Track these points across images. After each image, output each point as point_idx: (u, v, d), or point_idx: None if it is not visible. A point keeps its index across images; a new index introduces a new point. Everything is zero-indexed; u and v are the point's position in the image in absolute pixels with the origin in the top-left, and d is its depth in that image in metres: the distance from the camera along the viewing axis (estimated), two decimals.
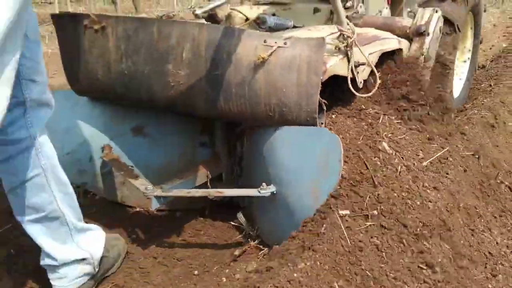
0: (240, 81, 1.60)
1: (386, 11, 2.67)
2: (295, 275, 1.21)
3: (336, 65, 1.72)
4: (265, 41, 1.57)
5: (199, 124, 2.01)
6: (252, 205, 1.91)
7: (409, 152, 1.72)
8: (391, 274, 1.30)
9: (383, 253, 1.34)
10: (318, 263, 1.24)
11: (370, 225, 1.40)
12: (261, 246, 1.72)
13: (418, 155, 1.73)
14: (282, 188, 1.64)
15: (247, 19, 2.04)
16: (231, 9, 2.06)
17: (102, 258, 1.60)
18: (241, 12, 2.05)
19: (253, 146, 1.83)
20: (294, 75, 1.56)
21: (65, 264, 1.51)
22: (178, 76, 1.66)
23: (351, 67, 1.76)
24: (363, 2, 2.36)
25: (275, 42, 1.56)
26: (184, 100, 1.70)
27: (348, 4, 2.21)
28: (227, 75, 1.60)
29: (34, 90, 1.37)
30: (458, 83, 3.07)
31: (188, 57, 1.63)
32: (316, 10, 2.26)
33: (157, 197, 1.69)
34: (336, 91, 1.83)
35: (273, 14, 2.07)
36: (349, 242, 1.31)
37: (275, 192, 1.65)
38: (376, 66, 1.88)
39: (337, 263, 1.26)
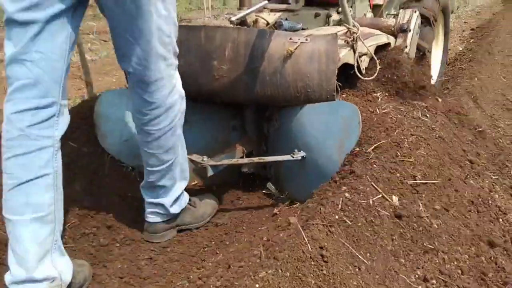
0: (273, 71, 2.02)
1: (370, 15, 3.17)
2: (256, 285, 1.22)
3: (346, 55, 2.17)
4: (290, 38, 2.02)
5: (231, 112, 2.37)
6: (279, 176, 2.28)
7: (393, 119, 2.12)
8: (353, 279, 1.32)
9: (346, 258, 1.36)
10: (280, 271, 1.26)
11: (332, 229, 1.42)
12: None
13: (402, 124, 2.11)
14: (311, 152, 2.03)
15: (268, 23, 2.46)
16: (256, 16, 2.48)
17: (69, 284, 1.59)
18: (263, 18, 2.48)
19: (282, 124, 2.20)
20: (316, 64, 1.99)
21: (35, 281, 1.49)
22: (222, 70, 2.06)
23: (357, 56, 2.20)
24: (351, 7, 2.85)
25: (299, 39, 2.01)
26: (226, 89, 2.09)
27: (339, 9, 2.69)
28: (262, 67, 2.03)
29: (64, 96, 1.57)
30: (433, 72, 3.57)
31: (229, 54, 2.04)
32: (316, 15, 2.73)
33: (212, 166, 2.07)
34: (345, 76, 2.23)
35: (286, 19, 2.50)
36: (309, 248, 1.33)
37: (304, 157, 2.02)
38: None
39: (299, 270, 1.27)
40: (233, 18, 2.21)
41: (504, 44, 6.07)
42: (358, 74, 2.21)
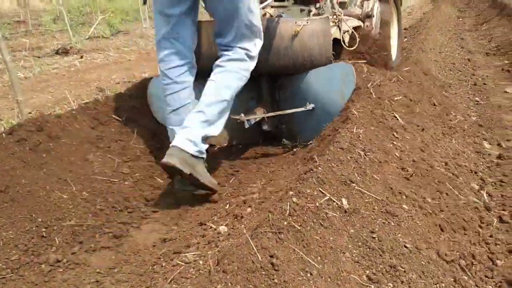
0: (285, 47, 2.79)
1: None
2: None
3: (335, 32, 2.98)
4: (296, 22, 2.79)
5: (249, 86, 2.79)
6: (292, 129, 3.03)
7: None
8: (305, 285, 1.30)
9: (297, 264, 1.34)
10: (230, 284, 1.22)
11: (281, 236, 1.40)
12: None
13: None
14: (318, 102, 2.78)
15: (271, 15, 3.11)
16: (263, 10, 3.13)
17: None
18: (268, 12, 3.14)
19: (293, 87, 2.95)
20: (316, 39, 2.77)
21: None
22: None
23: (342, 33, 3.01)
24: (325, 3, 3.51)
25: (302, 22, 2.77)
26: None
27: (318, 5, 3.44)
28: (277, 44, 2.79)
29: (193, 56, 2.65)
30: (393, 53, 4.50)
31: None
32: (301, 10, 3.44)
33: (247, 120, 2.80)
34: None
35: (282, 13, 3.21)
36: (259, 257, 1.31)
37: (314, 107, 2.78)
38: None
39: (249, 281, 1.24)
40: None
41: (436, 41, 6.34)
42: (343, 45, 2.99)
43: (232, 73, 2.47)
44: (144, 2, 2.79)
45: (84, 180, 2.40)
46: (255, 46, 2.53)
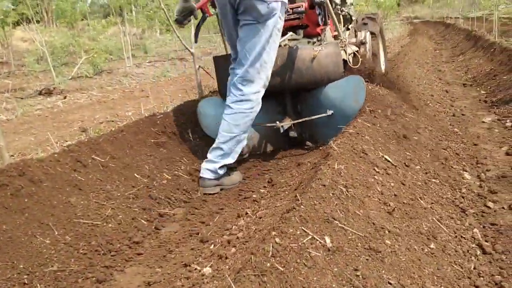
0: (306, 67, 3.48)
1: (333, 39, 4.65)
2: None
3: (342, 54, 3.64)
4: (313, 48, 3.48)
5: (276, 102, 3.74)
6: (313, 133, 3.75)
7: None
8: None
9: None
10: None
11: (264, 279, 1.39)
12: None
13: None
14: (336, 108, 3.45)
15: (290, 46, 3.64)
16: (284, 42, 3.71)
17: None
18: (288, 44, 3.70)
19: (313, 99, 3.64)
20: (330, 59, 3.48)
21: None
22: (276, 72, 3.38)
23: (347, 55, 3.81)
24: (325, 36, 4.10)
25: (318, 48, 3.48)
26: (280, 82, 3.49)
27: (319, 37, 4.01)
28: (299, 66, 3.48)
29: None
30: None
31: (280, 61, 3.44)
32: (309, 42, 3.97)
33: (282, 126, 3.52)
34: None
35: (297, 44, 3.79)
36: None
37: (333, 113, 3.44)
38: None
39: None
40: None
41: (414, 74, 6.49)
42: (350, 64, 3.78)
43: (239, 114, 3.06)
44: (196, 41, 3.43)
45: (67, 224, 2.38)
46: (259, 83, 3.07)
